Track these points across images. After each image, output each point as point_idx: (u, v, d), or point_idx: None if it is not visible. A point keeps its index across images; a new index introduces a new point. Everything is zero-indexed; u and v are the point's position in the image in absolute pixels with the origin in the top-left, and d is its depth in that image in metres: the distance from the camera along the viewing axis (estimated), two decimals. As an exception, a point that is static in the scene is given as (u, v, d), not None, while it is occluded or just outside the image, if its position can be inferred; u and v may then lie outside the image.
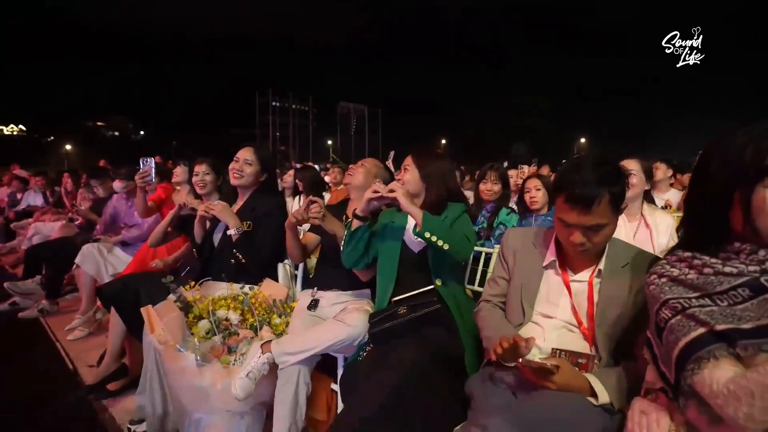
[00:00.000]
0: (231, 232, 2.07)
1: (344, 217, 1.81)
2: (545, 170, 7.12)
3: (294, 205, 4.08)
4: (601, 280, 1.22)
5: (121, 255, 3.14)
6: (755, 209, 0.81)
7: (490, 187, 2.77)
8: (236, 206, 2.28)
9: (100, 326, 3.08)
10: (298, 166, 5.74)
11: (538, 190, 2.59)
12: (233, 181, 2.21)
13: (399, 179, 1.76)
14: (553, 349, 1.18)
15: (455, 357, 1.43)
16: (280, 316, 1.96)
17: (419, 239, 1.52)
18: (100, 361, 2.43)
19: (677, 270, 0.91)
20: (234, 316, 1.87)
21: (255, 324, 1.88)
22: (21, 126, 51.28)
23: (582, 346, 1.20)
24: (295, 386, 1.60)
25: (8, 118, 49.46)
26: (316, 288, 1.97)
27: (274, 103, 41.86)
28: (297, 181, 4.11)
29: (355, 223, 1.62)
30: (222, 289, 2.02)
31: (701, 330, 0.81)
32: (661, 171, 4.24)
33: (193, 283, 1.97)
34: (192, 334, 1.77)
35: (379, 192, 1.54)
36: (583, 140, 50.83)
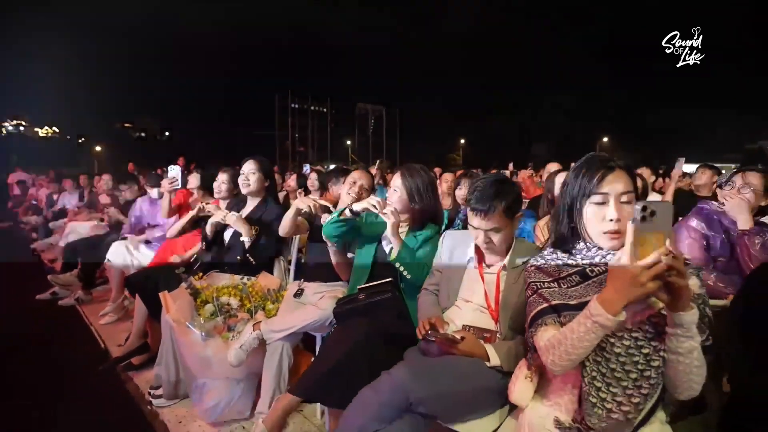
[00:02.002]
0: (244, 239, 2.44)
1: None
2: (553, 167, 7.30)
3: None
4: (506, 272, 1.55)
5: (145, 251, 3.58)
6: (584, 219, 1.14)
7: (464, 193, 3.10)
8: (246, 210, 2.68)
9: (128, 313, 3.53)
10: (308, 167, 6.13)
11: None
12: (243, 191, 2.63)
13: (388, 197, 2.02)
14: (464, 325, 1.53)
15: (402, 335, 1.77)
16: (273, 303, 2.35)
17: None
18: (127, 340, 2.87)
19: (543, 261, 1.24)
20: (234, 302, 2.26)
21: (251, 308, 2.27)
22: (54, 128, 53.56)
23: (490, 323, 1.54)
24: (279, 357, 1.99)
25: (44, 120, 51.75)
26: (302, 279, 2.36)
27: (293, 105, 42.70)
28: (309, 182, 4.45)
29: (347, 214, 1.93)
30: (225, 279, 2.42)
31: (544, 305, 1.15)
32: (645, 176, 4.48)
33: (201, 274, 2.38)
34: (199, 314, 2.17)
35: (376, 208, 1.83)
36: (606, 139, 49.94)
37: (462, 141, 54.12)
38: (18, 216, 8.85)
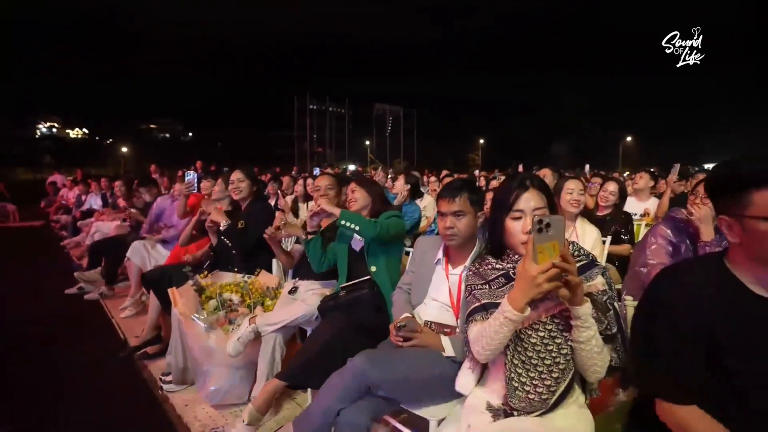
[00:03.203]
0: (221, 224, 2.78)
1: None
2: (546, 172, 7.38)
3: (304, 209, 4.69)
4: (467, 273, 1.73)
5: (161, 250, 3.87)
6: (506, 232, 1.32)
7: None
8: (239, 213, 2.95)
9: (145, 307, 3.81)
10: (317, 171, 6.37)
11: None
12: (234, 197, 2.89)
13: (350, 199, 2.34)
14: (425, 321, 1.72)
15: (377, 327, 1.96)
16: (271, 299, 2.58)
17: (360, 239, 2.10)
18: (143, 332, 3.15)
19: (479, 266, 1.42)
20: (236, 298, 2.50)
21: (251, 304, 2.51)
22: (84, 129, 55.53)
23: (452, 320, 1.72)
24: (272, 348, 2.21)
25: (74, 122, 53.72)
26: (297, 278, 2.58)
27: (311, 106, 43.30)
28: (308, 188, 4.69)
29: (309, 237, 2.23)
30: (228, 277, 2.67)
31: (476, 303, 1.33)
32: (644, 180, 4.52)
33: (206, 273, 2.63)
34: (203, 309, 2.41)
35: (312, 211, 2.16)
36: (629, 139, 48.80)
37: (481, 141, 53.79)
38: (49, 215, 9.41)
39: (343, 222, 2.03)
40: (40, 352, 3.11)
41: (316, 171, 6.46)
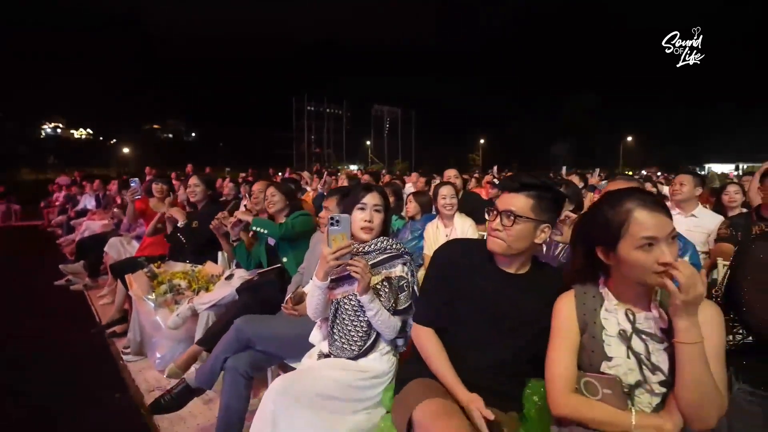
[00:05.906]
0: (180, 223, 3.28)
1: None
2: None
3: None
4: None
5: (135, 245, 4.39)
6: (353, 219, 1.82)
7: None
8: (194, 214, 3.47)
9: (121, 295, 4.36)
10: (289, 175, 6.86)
11: (410, 202, 3.58)
12: (191, 199, 3.40)
13: (268, 202, 2.83)
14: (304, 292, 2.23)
15: (278, 304, 2.44)
16: (214, 285, 3.10)
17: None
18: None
19: None
20: (183, 284, 3.02)
21: (196, 289, 3.02)
22: (88, 130, 56.28)
23: (328, 295, 2.23)
24: (206, 323, 2.72)
25: (78, 122, 54.46)
26: (235, 267, 3.10)
27: (309, 108, 43.94)
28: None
29: (235, 243, 2.78)
30: (179, 266, 3.19)
31: None
32: (595, 179, 5.09)
33: (159, 263, 3.15)
34: (154, 292, 2.93)
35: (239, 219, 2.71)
36: (630, 139, 48.87)
37: (482, 141, 54.11)
38: (47, 215, 10.00)
39: (255, 228, 2.54)
40: (29, 333, 3.64)
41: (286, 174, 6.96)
